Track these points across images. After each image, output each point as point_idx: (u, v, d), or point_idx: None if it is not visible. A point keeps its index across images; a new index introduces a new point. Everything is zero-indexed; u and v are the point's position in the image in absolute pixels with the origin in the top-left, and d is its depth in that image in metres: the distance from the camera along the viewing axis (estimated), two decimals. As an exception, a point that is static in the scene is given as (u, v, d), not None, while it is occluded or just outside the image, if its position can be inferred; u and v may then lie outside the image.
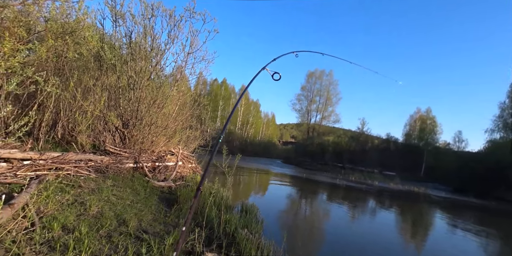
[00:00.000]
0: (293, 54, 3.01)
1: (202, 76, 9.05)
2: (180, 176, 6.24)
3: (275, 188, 12.53)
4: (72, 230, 2.26)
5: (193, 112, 8.48)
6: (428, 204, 12.88)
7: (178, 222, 3.34)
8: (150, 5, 6.19)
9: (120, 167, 4.61)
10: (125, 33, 6.28)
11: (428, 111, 29.58)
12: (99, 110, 5.59)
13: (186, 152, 7.92)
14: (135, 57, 6.14)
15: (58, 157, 3.52)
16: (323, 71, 37.74)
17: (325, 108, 37.39)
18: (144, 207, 3.47)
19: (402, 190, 16.52)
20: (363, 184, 17.58)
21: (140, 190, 4.16)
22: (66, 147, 4.92)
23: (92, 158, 4.19)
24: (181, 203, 4.09)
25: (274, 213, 6.94)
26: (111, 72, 6.31)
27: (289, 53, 3.01)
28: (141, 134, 6.08)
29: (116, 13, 6.19)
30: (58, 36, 4.68)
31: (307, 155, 30.97)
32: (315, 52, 3.33)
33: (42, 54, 4.03)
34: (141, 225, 2.94)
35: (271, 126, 54.10)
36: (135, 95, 6.04)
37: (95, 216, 2.73)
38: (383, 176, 21.78)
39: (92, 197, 3.07)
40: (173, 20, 6.37)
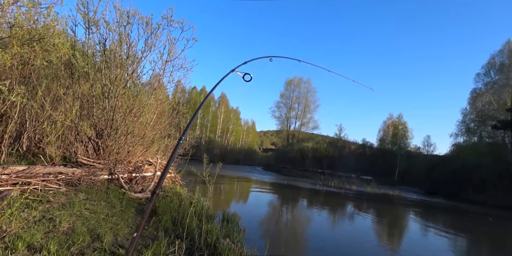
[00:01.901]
0: (267, 59, 3.02)
1: (180, 84, 8.96)
2: (158, 187, 6.02)
3: (256, 195, 12.47)
4: (40, 249, 2.10)
5: (172, 121, 8.31)
6: (402, 206, 13.44)
7: (157, 235, 3.21)
8: (126, 12, 6.07)
9: (93, 179, 4.37)
10: (99, 40, 6.08)
11: (400, 117, 31.26)
12: (70, 120, 5.31)
13: (164, 161, 7.69)
14: (110, 65, 5.95)
15: (23, 170, 3.28)
16: (301, 78, 38.83)
17: (304, 115, 38.29)
18: (120, 221, 3.30)
19: (378, 194, 17.12)
20: (342, 189, 18.00)
21: (116, 202, 3.97)
22: (32, 160, 4.60)
23: (63, 170, 3.95)
24: (160, 214, 3.95)
25: (256, 221, 6.89)
26: (84, 80, 6.06)
27: (263, 58, 3.03)
28: (117, 144, 5.84)
29: (89, 20, 6.00)
30: (25, 43, 4.43)
31: (288, 161, 31.27)
32: (290, 58, 3.38)
33: (6, 61, 3.80)
34: (117, 239, 2.79)
35: (251, 133, 54.18)
36: (110, 104, 5.83)
37: (66, 233, 2.56)
38: (361, 181, 22.46)
39: (62, 212, 2.88)
40: (150, 28, 6.28)
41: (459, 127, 24.45)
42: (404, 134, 29.64)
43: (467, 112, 24.33)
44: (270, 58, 3.04)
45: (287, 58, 3.35)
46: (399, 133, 29.73)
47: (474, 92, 24.15)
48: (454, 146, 24.37)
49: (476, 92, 23.92)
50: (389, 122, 31.89)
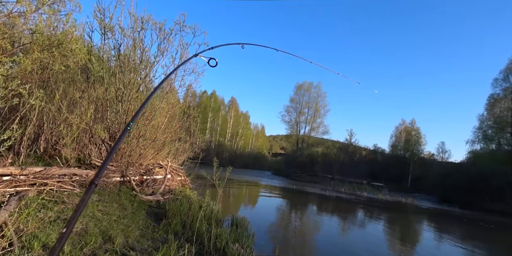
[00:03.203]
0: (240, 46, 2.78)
1: (191, 88, 9.09)
2: (168, 190, 6.08)
3: (265, 200, 12.38)
4: (54, 249, 2.14)
5: (183, 124, 8.41)
6: (415, 214, 13.03)
7: (167, 238, 3.22)
8: (140, 18, 6.25)
9: (106, 181, 4.46)
10: (113, 45, 6.27)
11: (413, 123, 30.51)
12: (85, 122, 5.46)
13: (175, 164, 7.78)
14: (124, 69, 6.12)
15: (40, 172, 3.38)
16: (311, 83, 38.64)
17: (314, 119, 37.96)
18: (131, 223, 3.34)
19: (390, 201, 16.68)
20: (353, 195, 17.65)
21: (127, 204, 4.02)
22: (49, 161, 4.73)
23: (77, 172, 4.04)
24: (170, 217, 3.97)
25: (265, 226, 6.83)
26: (99, 84, 6.24)
27: (234, 44, 2.83)
28: (129, 147, 5.95)
29: (105, 26, 6.21)
30: (44, 48, 4.61)
31: (297, 166, 30.97)
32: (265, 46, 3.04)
33: (27, 66, 3.95)
34: (128, 241, 2.82)
35: (261, 137, 54.16)
36: (123, 107, 5.96)
37: (79, 234, 2.60)
38: (372, 187, 21.97)
39: (76, 213, 2.94)
40: (163, 33, 6.44)
41: (475, 134, 23.61)
42: (417, 140, 28.88)
43: (484, 118, 23.50)
44: (242, 45, 2.85)
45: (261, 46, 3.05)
46: (412, 139, 29.00)
47: (491, 97, 23.34)
48: (471, 153, 23.53)
49: (494, 97, 23.10)
50: (402, 128, 31.22)
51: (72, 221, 1.14)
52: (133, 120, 1.73)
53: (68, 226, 1.12)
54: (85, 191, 1.22)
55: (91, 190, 1.25)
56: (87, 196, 1.23)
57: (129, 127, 1.62)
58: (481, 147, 23.10)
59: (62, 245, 1.09)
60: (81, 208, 1.19)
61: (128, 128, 1.61)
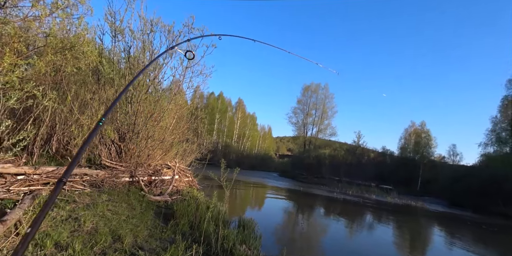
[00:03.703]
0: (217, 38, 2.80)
1: (199, 89, 9.16)
2: (176, 190, 6.13)
3: (272, 202, 12.35)
4: (66, 247, 2.19)
5: (190, 125, 8.48)
6: (425, 218, 12.77)
7: (175, 238, 3.25)
8: (149, 21, 6.36)
9: (115, 181, 4.53)
10: (124, 48, 6.40)
11: (423, 125, 29.93)
12: (96, 124, 5.57)
13: (182, 165, 7.84)
14: (133, 71, 6.22)
15: (53, 171, 3.46)
16: (318, 84, 38.45)
17: (321, 121, 37.72)
18: (140, 223, 3.38)
19: (399, 204, 16.39)
20: (360, 197, 17.42)
21: (136, 204, 4.07)
22: (61, 161, 4.84)
23: (88, 172, 4.12)
24: (177, 218, 4.00)
25: (271, 227, 6.80)
26: (109, 85, 6.35)
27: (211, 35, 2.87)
28: (138, 147, 6.04)
29: (116, 28, 6.34)
30: (58, 51, 4.73)
31: (304, 168, 30.78)
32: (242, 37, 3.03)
33: (41, 68, 4.07)
34: (136, 241, 2.85)
35: (268, 139, 54.08)
36: (133, 108, 6.06)
37: (90, 232, 2.65)
38: (380, 190, 21.64)
39: (86, 212, 3.00)
40: (172, 35, 6.53)
41: (488, 136, 22.97)
42: (427, 143, 28.31)
43: (497, 121, 22.86)
44: (219, 36, 2.87)
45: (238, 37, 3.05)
46: (421, 142, 28.45)
47: (505, 99, 22.67)
48: (483, 156, 22.92)
49: (508, 99, 22.48)
50: (411, 130, 30.67)
51: (37, 221, 1.05)
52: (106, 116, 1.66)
53: (33, 226, 1.02)
54: (53, 190, 1.15)
55: (58, 188, 1.17)
56: (55, 194, 1.15)
57: (101, 122, 1.55)
58: (494, 150, 22.47)
59: (26, 246, 1.00)
60: (47, 208, 1.10)
61: (100, 123, 1.54)
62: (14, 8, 3.69)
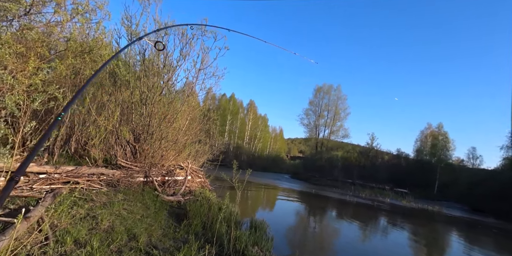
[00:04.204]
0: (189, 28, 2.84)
1: (211, 91, 9.27)
2: (189, 191, 6.21)
3: (283, 203, 12.28)
4: (84, 245, 2.26)
5: (202, 127, 8.58)
6: (443, 224, 12.32)
7: (188, 238, 3.28)
8: (164, 24, 6.50)
9: (131, 181, 4.63)
10: (139, 51, 6.57)
11: (440, 127, 28.93)
12: (112, 124, 5.73)
13: (195, 166, 7.93)
14: (148, 73, 6.36)
15: (72, 170, 3.58)
16: (331, 86, 38.01)
17: (334, 123, 37.23)
18: (154, 222, 3.45)
19: (415, 208, 15.90)
20: (374, 201, 17.03)
21: (150, 204, 4.15)
22: (79, 161, 5.00)
23: (104, 172, 4.24)
24: (190, 218, 4.04)
25: (283, 229, 6.76)
26: (125, 88, 6.53)
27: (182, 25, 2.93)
28: (152, 148, 6.16)
29: (132, 32, 6.51)
30: (77, 54, 4.92)
31: (316, 170, 30.44)
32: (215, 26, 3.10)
33: (62, 71, 4.23)
34: (151, 240, 2.91)
35: (279, 140, 53.86)
36: (147, 110, 6.19)
37: (106, 231, 2.72)
38: (395, 193, 21.09)
39: (103, 211, 3.08)
40: (185, 38, 6.64)
41: (511, 139, 21.99)
42: (444, 145, 27.33)
43: (520, 122, 21.84)
44: (191, 26, 2.90)
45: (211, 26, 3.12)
46: (438, 144, 27.49)
47: (528, 99, 21.67)
48: (506, 159, 21.91)
49: (531, 99, 21.44)
50: (428, 132, 29.74)
51: None
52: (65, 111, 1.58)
53: None
54: (4, 188, 1.11)
55: (10, 187, 1.13)
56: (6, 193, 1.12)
57: (60, 117, 1.49)
58: (517, 152, 21.45)
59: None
60: None
61: (58, 118, 1.48)
62: (37, 14, 3.86)
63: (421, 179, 25.02)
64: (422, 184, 24.60)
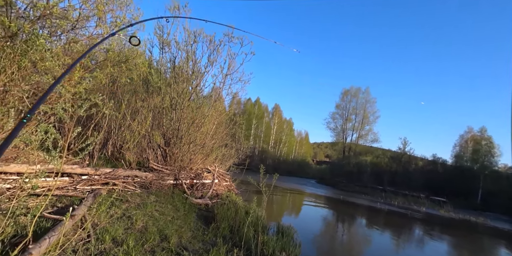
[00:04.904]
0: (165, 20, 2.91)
1: (237, 96, 9.43)
2: (216, 194, 6.32)
3: (310, 209, 12.00)
4: (121, 243, 2.39)
5: (229, 131, 8.72)
6: (488, 237, 11.21)
7: (216, 241, 3.33)
8: (193, 32, 6.78)
9: (161, 184, 4.83)
10: (169, 58, 6.91)
11: (483, 131, 26.45)
12: (145, 129, 6.05)
13: (221, 170, 8.06)
14: (178, 80, 6.64)
15: (109, 172, 3.82)
16: (359, 88, 36.76)
17: (362, 126, 35.84)
18: (183, 224, 3.55)
19: (455, 219, 14.68)
20: (408, 209, 16.02)
21: (180, 206, 4.29)
22: (115, 163, 5.33)
23: (138, 174, 4.47)
24: (218, 221, 4.11)
25: (310, 235, 6.60)
26: (156, 94, 6.87)
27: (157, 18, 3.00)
28: (181, 152, 6.38)
29: (163, 41, 6.88)
30: (115, 64, 5.29)
31: (343, 175, 29.44)
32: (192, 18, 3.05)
33: (101, 80, 4.56)
34: (181, 242, 2.99)
35: (305, 144, 53.03)
36: (177, 115, 6.45)
37: (140, 231, 2.86)
38: (431, 202, 19.68)
39: (137, 211, 3.24)
40: (213, 45, 6.86)
41: None
42: (489, 151, 24.93)
43: None
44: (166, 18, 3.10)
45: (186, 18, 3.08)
46: (482, 149, 25.15)
47: None
48: None
49: None
50: (468, 137, 27.44)
51: None
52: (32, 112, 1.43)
53: None
54: None
55: None
56: None
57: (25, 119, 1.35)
58: None
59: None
60: None
61: (24, 120, 1.34)
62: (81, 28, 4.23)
63: (461, 187, 23.07)
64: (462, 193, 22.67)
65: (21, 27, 2.65)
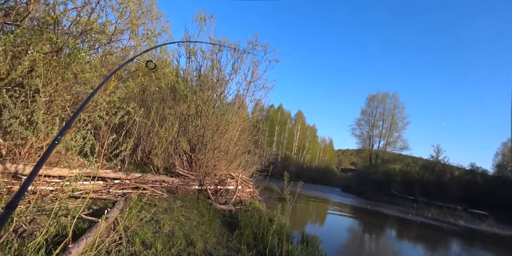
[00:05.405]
0: None
1: (260, 103, 9.50)
2: (239, 200, 6.33)
3: (335, 218, 11.59)
4: (150, 246, 2.47)
5: (252, 137, 8.77)
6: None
7: (240, 248, 3.33)
8: (218, 41, 7.00)
9: (187, 189, 4.94)
10: (195, 67, 7.17)
11: (528, 138, 24.22)
12: (172, 135, 6.27)
13: (245, 176, 8.09)
14: (203, 87, 6.85)
15: (139, 177, 3.99)
16: (386, 93, 35.45)
17: (390, 133, 34.32)
18: (208, 229, 3.59)
19: (500, 235, 13.36)
20: (443, 222, 14.88)
21: (205, 212, 4.35)
22: (144, 169, 5.56)
23: (165, 179, 4.62)
24: (242, 228, 4.10)
25: (336, 246, 6.35)
26: (182, 101, 7.13)
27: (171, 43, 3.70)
28: (206, 158, 6.51)
29: (190, 51, 7.16)
30: (145, 73, 5.60)
31: (370, 184, 28.18)
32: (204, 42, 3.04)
33: (133, 89, 4.84)
34: (206, 247, 3.02)
35: (329, 151, 51.76)
36: (202, 122, 6.62)
37: (167, 234, 2.93)
38: (470, 215, 18.14)
39: (165, 216, 3.34)
40: (237, 53, 7.02)
41: None
42: (535, 159, 22.72)
43: None
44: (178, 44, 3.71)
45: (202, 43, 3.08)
46: (527, 158, 22.97)
47: None
48: None
49: None
50: None
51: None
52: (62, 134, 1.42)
53: None
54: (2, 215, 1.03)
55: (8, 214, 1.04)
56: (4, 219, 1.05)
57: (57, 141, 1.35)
58: None
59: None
60: None
61: (55, 142, 1.34)
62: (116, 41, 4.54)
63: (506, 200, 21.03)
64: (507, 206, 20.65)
65: (65, 42, 2.91)
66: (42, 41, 2.80)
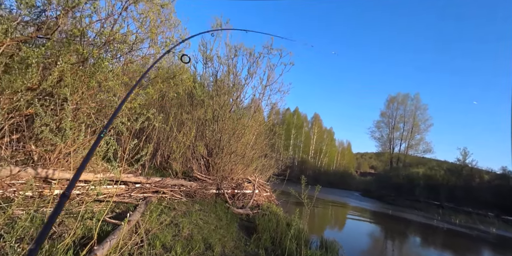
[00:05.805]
0: None
1: (276, 106, 9.49)
2: (256, 204, 6.32)
3: (355, 224, 11.25)
4: (170, 249, 2.52)
5: (268, 141, 8.77)
6: None
7: (258, 252, 3.31)
8: (234, 46, 7.11)
9: (205, 193, 5.01)
10: (212, 72, 7.31)
11: None
12: (189, 140, 6.40)
13: (261, 180, 8.07)
14: (220, 92, 6.96)
15: (159, 181, 4.10)
16: (406, 95, 34.26)
17: (412, 136, 33.03)
18: (226, 233, 3.61)
19: (536, 243, 12.40)
20: (474, 229, 14.03)
21: (222, 216, 4.38)
22: (163, 173, 5.70)
23: (184, 183, 4.71)
24: (259, 232, 4.09)
25: (356, 252, 6.17)
26: (199, 106, 7.27)
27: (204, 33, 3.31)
28: (222, 162, 6.58)
29: (207, 56, 7.32)
30: (164, 80, 5.77)
31: (391, 188, 27.16)
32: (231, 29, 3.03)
33: (153, 95, 5.00)
34: (224, 251, 3.04)
35: (347, 155, 50.56)
36: (218, 126, 6.72)
37: (187, 238, 2.98)
38: (503, 222, 17.00)
39: (184, 219, 3.40)
40: (253, 57, 7.10)
41: None
42: None
43: None
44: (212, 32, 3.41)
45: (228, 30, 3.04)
46: None
47: None
48: None
49: None
50: (545, 145, 23.48)
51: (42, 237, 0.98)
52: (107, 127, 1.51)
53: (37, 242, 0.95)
54: (57, 205, 1.07)
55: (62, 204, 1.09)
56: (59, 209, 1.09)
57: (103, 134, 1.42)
58: None
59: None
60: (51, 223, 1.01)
61: (101, 135, 1.42)
62: (137, 50, 4.74)
63: (542, 206, 19.54)
64: (543, 213, 19.17)
65: (90, 52, 3.07)
66: (70, 53, 2.98)
